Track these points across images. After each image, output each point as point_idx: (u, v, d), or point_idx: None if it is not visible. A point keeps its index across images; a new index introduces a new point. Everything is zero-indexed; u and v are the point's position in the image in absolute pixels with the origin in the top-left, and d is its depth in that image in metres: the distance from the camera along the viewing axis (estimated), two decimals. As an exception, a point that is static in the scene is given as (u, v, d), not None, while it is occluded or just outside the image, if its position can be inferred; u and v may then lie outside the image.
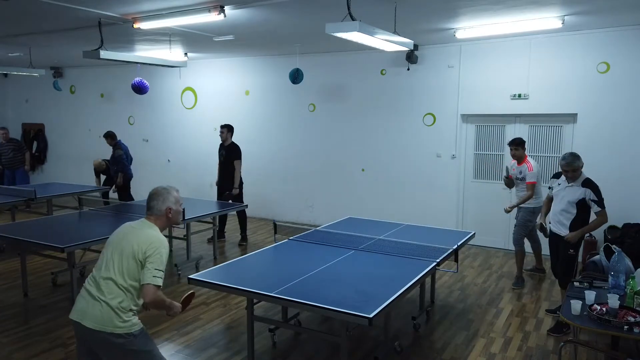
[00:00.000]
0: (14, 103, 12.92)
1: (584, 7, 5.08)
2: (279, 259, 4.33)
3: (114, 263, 2.63)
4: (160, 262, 2.62)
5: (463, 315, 4.94)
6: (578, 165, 4.40)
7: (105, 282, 2.61)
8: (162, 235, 2.75)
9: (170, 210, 2.81)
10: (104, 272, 2.64)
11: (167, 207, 2.79)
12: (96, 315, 2.57)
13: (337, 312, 3.05)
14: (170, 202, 2.80)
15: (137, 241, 2.64)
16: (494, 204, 7.32)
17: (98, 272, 2.67)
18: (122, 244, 2.67)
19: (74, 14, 5.43)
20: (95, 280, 2.66)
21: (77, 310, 2.64)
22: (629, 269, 3.77)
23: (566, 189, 4.47)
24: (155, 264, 2.59)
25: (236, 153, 7.32)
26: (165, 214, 2.80)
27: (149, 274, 2.57)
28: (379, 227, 5.44)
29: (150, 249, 2.61)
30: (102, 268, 2.67)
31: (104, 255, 2.72)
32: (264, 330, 4.36)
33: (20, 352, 4.07)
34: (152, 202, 2.80)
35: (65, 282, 5.63)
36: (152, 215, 2.80)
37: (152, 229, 2.75)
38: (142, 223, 2.79)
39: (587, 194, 4.35)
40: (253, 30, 6.36)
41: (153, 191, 2.85)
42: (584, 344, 3.87)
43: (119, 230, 2.81)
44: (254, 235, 8.07)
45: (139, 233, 2.69)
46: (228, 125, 7.40)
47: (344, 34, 4.22)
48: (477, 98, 7.22)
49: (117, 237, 2.74)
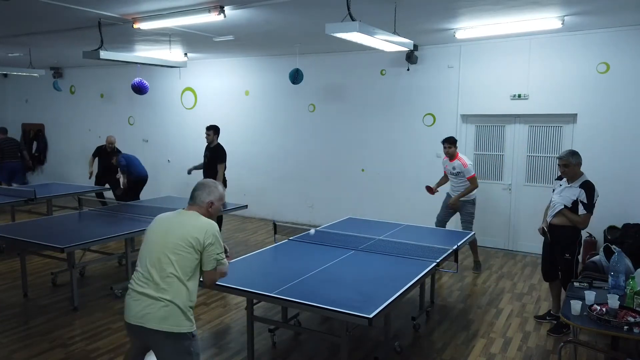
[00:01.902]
0: (13, 103, 12.92)
1: (584, 7, 5.08)
2: (278, 260, 4.33)
3: (170, 260, 2.56)
4: (219, 245, 2.68)
5: (463, 316, 4.94)
6: (570, 161, 4.32)
7: (167, 280, 2.54)
8: (210, 219, 2.73)
9: (212, 204, 2.77)
10: (161, 269, 2.55)
11: (210, 200, 2.76)
12: (162, 315, 2.50)
13: (337, 313, 3.05)
14: (214, 196, 2.77)
15: (191, 234, 2.59)
16: (494, 205, 7.33)
17: (152, 269, 2.57)
18: (171, 239, 2.60)
19: (73, 14, 5.43)
20: (150, 279, 2.56)
21: (135, 313, 2.55)
22: (629, 269, 3.77)
23: (565, 189, 4.43)
24: (218, 249, 2.66)
25: (220, 155, 7.07)
26: (207, 207, 2.75)
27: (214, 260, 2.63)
28: (378, 227, 5.44)
29: (208, 237, 2.61)
30: (155, 266, 2.57)
31: (150, 252, 2.63)
32: (264, 330, 4.35)
33: (20, 352, 4.07)
34: (197, 191, 2.77)
35: (65, 282, 5.62)
36: (195, 205, 2.75)
37: (197, 217, 2.70)
38: (183, 214, 2.73)
39: (580, 195, 4.29)
40: (253, 31, 6.36)
41: (201, 182, 2.84)
42: (584, 344, 3.87)
43: (159, 222, 2.75)
44: (254, 235, 8.07)
45: (188, 225, 2.64)
46: (214, 127, 7.17)
47: (344, 34, 4.22)
48: (477, 98, 7.22)
49: (161, 230, 2.67)
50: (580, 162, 4.38)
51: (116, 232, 5.18)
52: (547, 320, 4.75)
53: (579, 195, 4.30)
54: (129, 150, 9.24)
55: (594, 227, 6.18)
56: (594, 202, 4.29)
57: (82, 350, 4.12)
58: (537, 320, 4.83)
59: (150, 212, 5.93)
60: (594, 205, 4.31)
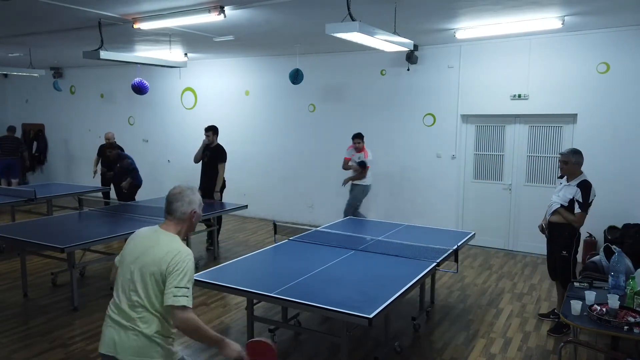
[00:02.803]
0: (14, 103, 12.92)
1: (584, 7, 5.08)
2: (278, 260, 4.33)
3: (137, 285, 2.27)
4: (183, 278, 2.22)
5: (463, 316, 4.94)
6: (570, 158, 4.37)
7: (134, 309, 2.27)
8: (184, 245, 2.35)
9: (194, 213, 2.43)
10: (129, 296, 2.29)
11: (192, 209, 2.41)
12: (132, 346, 2.26)
13: (337, 313, 3.05)
14: (195, 204, 2.43)
15: (156, 259, 2.27)
16: (494, 205, 7.33)
17: (122, 296, 2.32)
18: (142, 262, 2.30)
19: (74, 14, 5.43)
20: (120, 308, 2.31)
21: (107, 342, 2.32)
22: (629, 269, 3.77)
23: (564, 188, 4.47)
24: (176, 281, 2.20)
25: (222, 155, 7.07)
26: (189, 218, 2.42)
27: (169, 294, 2.19)
28: (378, 228, 5.44)
29: (172, 264, 2.23)
30: (126, 291, 2.30)
31: (122, 274, 2.36)
32: (264, 330, 4.35)
33: (20, 353, 4.07)
34: (175, 203, 2.39)
35: (65, 282, 5.62)
36: (174, 220, 2.40)
37: (171, 239, 2.35)
38: (158, 233, 2.39)
39: (576, 194, 4.33)
40: (253, 31, 6.36)
41: (176, 190, 2.43)
42: (584, 345, 3.87)
43: (134, 242, 2.42)
44: (254, 235, 8.07)
45: (156, 248, 2.31)
46: (213, 127, 7.16)
47: (344, 34, 4.22)
48: (477, 98, 7.22)
49: (134, 253, 2.36)
50: (580, 161, 4.41)
51: (116, 232, 5.18)
52: (551, 318, 4.78)
53: (575, 194, 4.34)
54: (129, 150, 9.23)
55: (594, 227, 6.18)
56: (589, 201, 4.32)
57: (82, 350, 4.12)
58: (540, 317, 4.86)
59: (150, 212, 5.94)
60: (590, 205, 4.35)
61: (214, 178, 7.07)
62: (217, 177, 7.02)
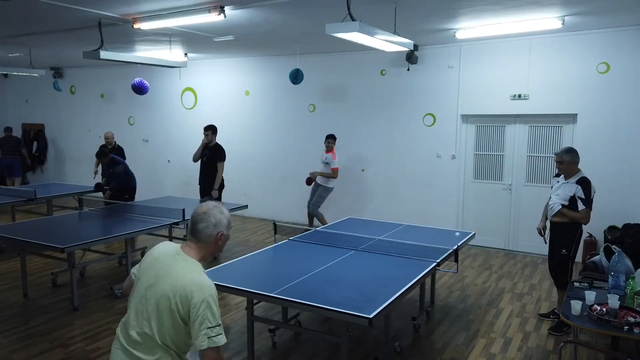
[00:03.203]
0: (14, 103, 12.93)
1: (584, 7, 5.08)
2: (279, 259, 4.33)
3: (150, 316, 2.03)
4: (213, 315, 1.98)
5: (463, 316, 4.94)
6: (564, 158, 4.42)
7: (142, 338, 2.05)
8: (205, 276, 2.07)
9: (222, 235, 2.15)
10: (141, 324, 2.05)
11: (219, 232, 2.13)
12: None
13: (337, 313, 3.05)
14: (222, 225, 2.15)
15: (173, 290, 2.00)
16: (494, 205, 7.33)
17: (133, 321, 2.09)
18: (156, 290, 2.04)
19: (74, 14, 5.43)
20: (129, 332, 2.09)
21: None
22: (629, 269, 3.76)
23: (562, 186, 4.50)
24: (207, 322, 1.96)
25: (220, 154, 7.08)
26: (215, 242, 2.14)
27: (203, 337, 1.95)
28: (378, 228, 5.44)
29: (194, 303, 1.97)
30: (138, 318, 2.07)
31: (137, 296, 2.11)
32: (264, 330, 4.35)
33: (20, 353, 4.07)
34: (199, 224, 2.11)
35: (65, 282, 5.62)
36: (199, 243, 2.12)
37: (190, 268, 2.07)
38: (178, 257, 2.10)
39: (577, 191, 4.36)
40: (253, 31, 6.36)
41: (201, 210, 2.15)
42: (584, 345, 3.87)
43: (151, 262, 2.14)
44: (255, 235, 8.07)
45: (172, 276, 2.03)
46: (212, 127, 7.18)
47: (344, 34, 4.22)
48: (477, 98, 7.22)
49: (149, 276, 2.10)
50: (576, 160, 4.45)
51: (116, 232, 5.18)
52: (551, 318, 4.79)
53: (576, 192, 4.37)
54: (130, 149, 9.25)
55: (594, 227, 6.18)
56: (591, 197, 4.37)
57: (82, 350, 4.12)
58: (540, 317, 4.86)
59: (151, 212, 5.93)
60: (592, 200, 4.38)
61: (213, 177, 7.08)
62: (216, 175, 7.03)
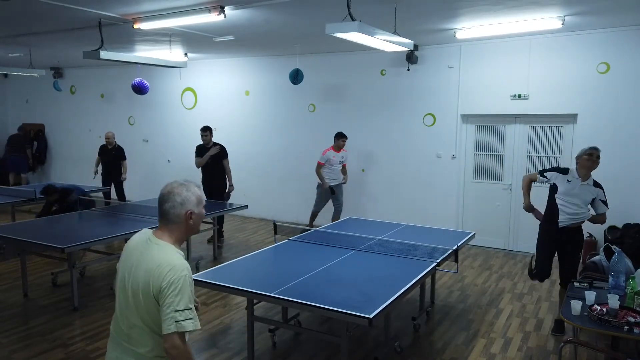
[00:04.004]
0: (14, 103, 12.92)
1: (584, 7, 5.08)
2: (279, 259, 4.33)
3: (131, 304, 2.01)
4: (182, 298, 1.91)
5: (463, 316, 4.94)
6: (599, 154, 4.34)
7: (131, 329, 2.04)
8: (179, 257, 2.00)
9: (191, 214, 2.05)
10: (126, 315, 2.05)
11: (187, 210, 2.04)
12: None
13: (337, 313, 3.05)
14: (191, 203, 2.05)
15: (146, 275, 1.96)
16: (494, 205, 7.33)
17: (119, 315, 2.10)
18: (133, 279, 2.02)
19: (74, 14, 5.43)
20: (119, 325, 2.09)
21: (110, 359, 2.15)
22: (629, 269, 3.77)
23: (581, 187, 4.30)
24: (175, 304, 1.89)
25: (225, 153, 7.38)
26: (186, 221, 2.05)
27: (170, 320, 1.89)
28: (379, 228, 5.44)
29: (165, 283, 1.91)
30: (123, 309, 2.06)
31: (119, 291, 2.10)
32: (264, 330, 4.35)
33: (20, 353, 4.07)
34: (166, 204, 2.04)
35: (65, 282, 5.62)
36: (168, 224, 2.05)
37: (163, 250, 2.00)
38: (150, 242, 2.05)
39: (598, 194, 4.33)
40: (253, 31, 6.36)
41: (166, 189, 2.06)
42: (584, 345, 3.87)
43: (126, 253, 2.11)
44: (255, 235, 8.07)
45: (146, 261, 1.99)
46: (210, 127, 7.41)
47: (344, 34, 4.22)
48: (477, 98, 7.22)
49: (126, 267, 2.07)
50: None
51: (116, 232, 5.18)
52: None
53: (597, 195, 4.34)
54: (130, 149, 9.26)
55: (594, 227, 6.17)
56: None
57: (82, 350, 4.12)
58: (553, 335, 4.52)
59: (151, 212, 5.93)
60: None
61: (219, 176, 7.26)
62: (227, 173, 7.34)
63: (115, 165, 8.71)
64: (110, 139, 8.73)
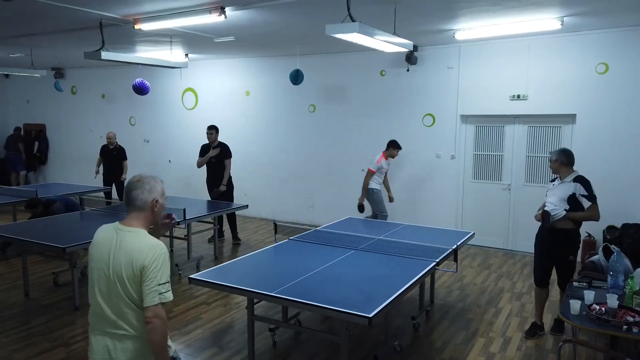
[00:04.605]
0: (15, 103, 12.94)
1: (583, 8, 5.10)
2: (279, 259, 4.34)
3: (119, 290, 2.14)
4: (164, 273, 2.13)
5: (462, 315, 4.95)
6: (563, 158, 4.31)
7: (122, 315, 2.16)
8: (154, 238, 2.22)
9: (156, 202, 2.27)
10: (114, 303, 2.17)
11: (153, 198, 2.25)
12: (128, 349, 2.18)
13: (337, 312, 3.07)
14: (157, 191, 2.27)
15: (128, 259, 2.13)
16: (493, 205, 7.35)
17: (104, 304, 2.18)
18: (114, 266, 2.15)
19: (75, 15, 5.45)
20: (104, 316, 2.19)
21: (100, 351, 2.21)
22: (628, 269, 3.78)
23: (558, 186, 4.39)
24: (157, 278, 2.11)
25: (228, 152, 7.43)
26: (151, 208, 2.25)
27: (154, 293, 2.09)
28: (378, 227, 5.46)
29: (148, 262, 2.11)
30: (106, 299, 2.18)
31: (97, 283, 2.20)
32: (264, 330, 4.37)
33: (21, 352, 4.09)
34: (134, 191, 2.22)
35: (66, 281, 5.64)
36: (135, 212, 2.24)
37: (137, 235, 2.19)
38: (122, 231, 2.21)
39: (576, 189, 4.23)
40: (254, 32, 6.38)
41: (135, 178, 2.26)
42: (583, 344, 3.89)
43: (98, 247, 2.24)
44: (255, 235, 8.09)
45: (124, 248, 2.15)
46: (216, 127, 7.46)
47: (344, 35, 4.24)
48: (476, 99, 7.24)
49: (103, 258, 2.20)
50: (565, 160, 4.34)
51: (117, 232, 5.19)
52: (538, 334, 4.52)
53: (575, 190, 4.24)
54: (131, 150, 9.28)
55: (593, 227, 6.19)
56: (594, 192, 4.24)
57: (83, 350, 4.13)
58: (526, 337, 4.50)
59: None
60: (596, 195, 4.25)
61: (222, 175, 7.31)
62: (225, 171, 7.35)
63: (116, 165, 8.73)
64: (111, 139, 8.76)
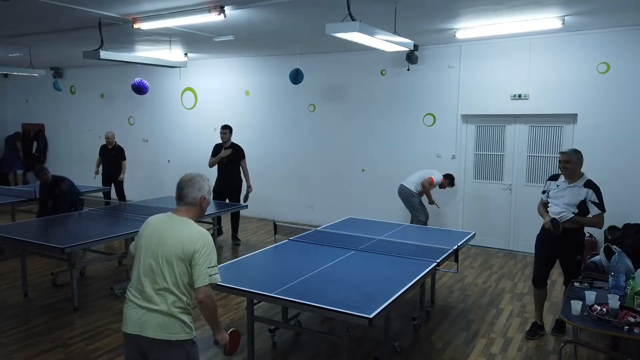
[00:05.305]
0: (14, 103, 12.92)
1: (584, 7, 5.08)
2: (279, 259, 4.33)
3: (164, 270, 2.42)
4: (213, 257, 2.44)
5: (463, 316, 4.94)
6: (572, 158, 4.19)
7: (160, 292, 2.43)
8: (201, 227, 2.51)
9: (204, 199, 2.57)
10: (154, 281, 2.44)
11: (202, 195, 2.55)
12: (159, 323, 2.42)
13: (337, 313, 3.05)
14: (205, 190, 2.57)
15: (178, 244, 2.42)
16: (494, 205, 7.33)
17: (145, 280, 2.45)
18: (163, 248, 2.44)
19: (74, 15, 5.43)
20: (143, 292, 2.45)
21: (133, 323, 2.46)
22: (629, 270, 3.76)
23: (567, 189, 4.26)
24: (208, 261, 2.41)
25: (242, 152, 7.44)
26: (200, 204, 2.56)
27: (205, 275, 2.39)
28: (379, 228, 5.44)
29: (198, 247, 2.41)
30: (150, 277, 2.45)
31: (143, 261, 2.49)
32: (264, 330, 4.35)
33: (20, 353, 4.07)
34: (185, 189, 2.53)
35: (65, 282, 5.62)
36: (185, 206, 2.54)
37: (187, 224, 2.50)
38: (175, 221, 2.52)
39: (588, 195, 4.16)
40: (253, 31, 6.36)
41: (187, 177, 2.57)
42: (584, 345, 3.87)
43: (150, 230, 2.54)
44: (255, 235, 8.07)
45: (175, 234, 2.46)
46: (229, 127, 7.44)
47: (344, 34, 4.22)
48: (477, 98, 7.22)
49: (152, 240, 2.49)
50: (581, 162, 4.26)
51: (116, 232, 5.18)
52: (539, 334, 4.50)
53: (587, 196, 4.16)
54: (130, 150, 9.26)
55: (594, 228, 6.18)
56: (603, 200, 4.18)
57: (82, 351, 4.12)
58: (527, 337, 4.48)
59: (151, 212, 5.89)
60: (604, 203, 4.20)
61: (233, 178, 7.35)
62: (244, 174, 7.44)
63: (115, 165, 8.72)
64: (110, 139, 8.75)
